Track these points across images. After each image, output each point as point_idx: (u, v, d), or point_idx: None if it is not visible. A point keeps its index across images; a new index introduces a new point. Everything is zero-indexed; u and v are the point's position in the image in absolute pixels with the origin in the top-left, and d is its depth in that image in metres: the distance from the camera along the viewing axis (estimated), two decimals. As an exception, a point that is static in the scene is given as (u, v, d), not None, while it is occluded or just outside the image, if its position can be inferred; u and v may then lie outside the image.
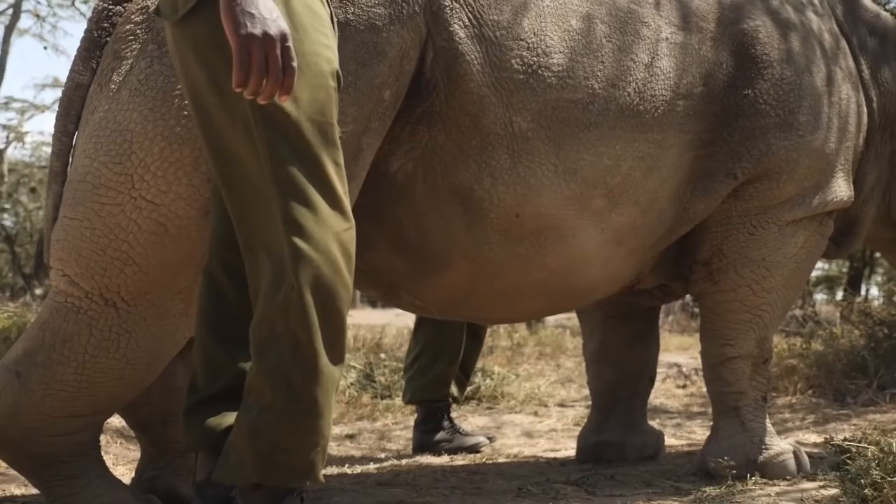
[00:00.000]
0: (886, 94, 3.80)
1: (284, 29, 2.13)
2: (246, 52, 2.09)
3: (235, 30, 2.09)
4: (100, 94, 2.72)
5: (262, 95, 2.13)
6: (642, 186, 3.19)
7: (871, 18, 3.90)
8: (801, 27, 3.50)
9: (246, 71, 2.10)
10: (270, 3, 2.14)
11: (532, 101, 2.96)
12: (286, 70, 2.13)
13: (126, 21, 2.77)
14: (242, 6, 2.10)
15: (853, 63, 3.69)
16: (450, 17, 2.86)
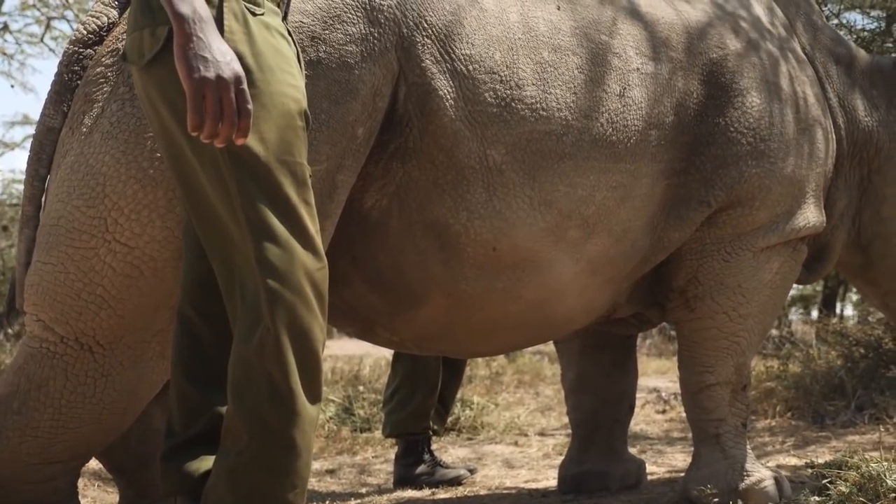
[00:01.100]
0: (853, 121, 3.84)
1: (238, 72, 2.13)
2: (199, 96, 2.09)
3: (188, 74, 2.09)
4: (71, 138, 2.71)
5: (218, 139, 2.12)
6: (616, 216, 3.21)
7: (837, 47, 3.94)
8: (769, 55, 3.54)
9: (200, 115, 2.10)
10: (224, 46, 2.14)
11: (506, 133, 2.97)
12: (241, 113, 2.13)
13: (97, 64, 2.76)
14: (195, 50, 2.10)
15: (820, 90, 3.73)
16: (421, 52, 2.86)
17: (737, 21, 3.54)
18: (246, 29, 2.29)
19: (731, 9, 3.58)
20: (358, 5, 2.81)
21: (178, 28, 2.11)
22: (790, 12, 3.88)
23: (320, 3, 2.79)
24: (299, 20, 2.74)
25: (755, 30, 3.58)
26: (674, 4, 3.43)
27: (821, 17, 4.05)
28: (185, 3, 2.12)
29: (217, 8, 2.27)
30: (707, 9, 3.50)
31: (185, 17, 2.11)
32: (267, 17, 2.36)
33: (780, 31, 3.72)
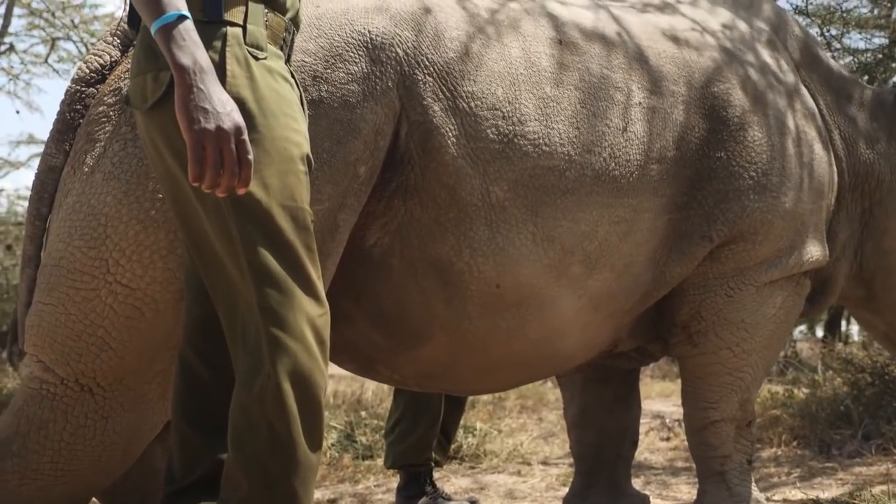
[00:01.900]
0: (854, 154, 3.84)
1: (239, 122, 2.13)
2: (200, 147, 2.09)
3: (189, 126, 2.09)
4: (73, 177, 2.71)
5: (219, 189, 2.12)
6: (618, 251, 3.19)
7: (837, 79, 3.94)
8: (771, 89, 3.53)
9: (201, 166, 2.10)
10: (225, 96, 2.14)
11: (508, 170, 2.96)
12: (242, 163, 2.12)
13: (99, 103, 2.75)
14: (196, 101, 2.10)
15: (822, 123, 3.72)
16: (423, 91, 2.86)
17: (738, 55, 3.54)
18: (248, 73, 2.29)
19: (733, 43, 3.58)
20: (359, 44, 2.81)
21: (179, 79, 2.11)
22: (791, 46, 3.88)
23: (322, 42, 2.79)
24: (301, 59, 2.74)
25: (757, 64, 3.58)
26: (675, 39, 3.43)
27: (822, 49, 4.04)
28: (185, 53, 2.12)
29: (220, 53, 2.27)
30: (709, 43, 3.50)
31: (185, 67, 2.11)
32: (270, 61, 2.36)
33: (781, 64, 3.72)
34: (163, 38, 2.14)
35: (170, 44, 2.12)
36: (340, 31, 2.81)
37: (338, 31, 2.81)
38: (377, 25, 2.85)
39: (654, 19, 3.50)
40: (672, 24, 3.51)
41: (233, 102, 2.15)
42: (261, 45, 2.35)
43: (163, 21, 2.14)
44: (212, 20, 2.29)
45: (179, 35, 2.13)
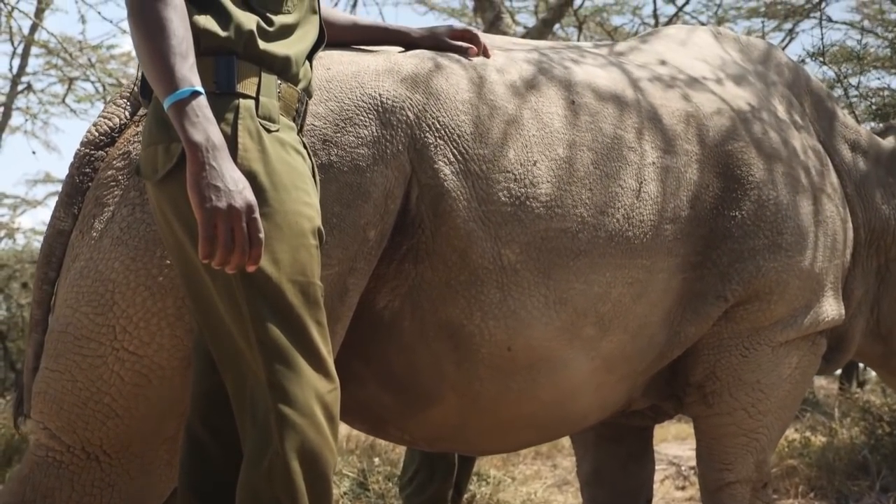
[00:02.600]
0: (870, 210, 3.79)
1: (251, 200, 2.12)
2: (211, 225, 2.08)
3: (200, 204, 2.08)
4: (81, 242, 2.69)
5: (229, 266, 2.11)
6: (632, 312, 3.16)
7: (853, 134, 3.91)
8: (785, 146, 3.50)
9: (212, 244, 2.09)
10: (237, 173, 2.13)
11: (520, 232, 2.93)
12: (253, 242, 2.12)
13: (108, 167, 2.74)
14: (208, 179, 2.09)
15: (837, 180, 3.68)
16: (434, 154, 2.84)
17: (753, 112, 3.51)
18: (260, 147, 2.28)
19: (748, 100, 3.55)
20: (370, 107, 2.79)
21: (191, 156, 2.10)
22: (806, 101, 3.85)
23: (332, 105, 2.77)
24: (311, 123, 2.73)
25: (772, 121, 3.54)
26: (690, 97, 3.40)
27: (837, 103, 4.01)
28: (198, 130, 2.11)
29: (231, 126, 2.26)
30: (723, 100, 3.47)
31: (198, 144, 2.10)
32: (282, 133, 2.34)
33: (796, 120, 3.69)
34: (176, 114, 2.13)
35: (183, 120, 2.11)
36: (351, 94, 2.80)
37: (348, 95, 2.80)
38: (387, 88, 2.84)
39: (669, 77, 3.47)
40: (685, 81, 3.48)
41: (245, 180, 2.14)
42: (273, 117, 2.34)
43: (176, 97, 2.13)
44: (224, 92, 2.29)
45: (193, 111, 2.12)
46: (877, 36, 10.70)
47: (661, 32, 3.94)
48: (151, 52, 2.16)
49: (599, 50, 3.65)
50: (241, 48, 2.32)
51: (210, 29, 2.29)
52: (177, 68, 2.14)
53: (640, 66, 3.50)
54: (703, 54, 3.75)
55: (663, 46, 3.74)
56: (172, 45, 2.15)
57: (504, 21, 8.19)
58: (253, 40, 2.33)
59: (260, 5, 2.38)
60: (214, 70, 2.29)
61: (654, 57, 3.64)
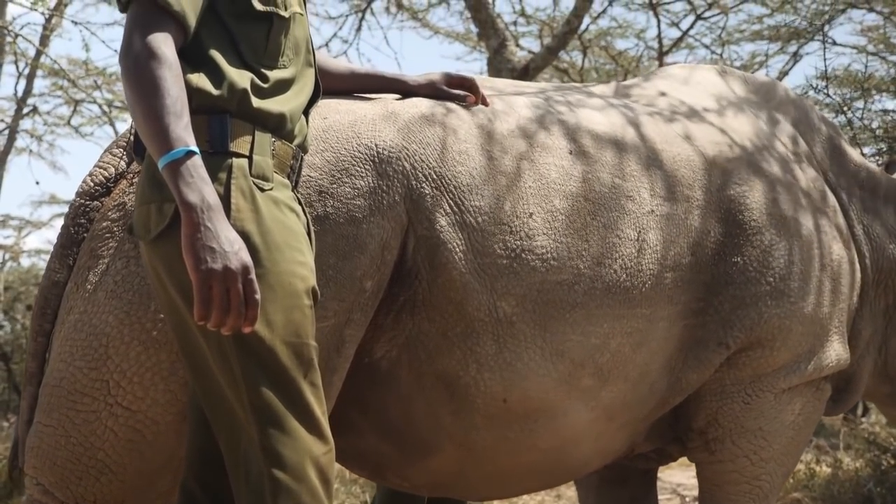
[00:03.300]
0: (878, 249, 3.75)
1: (246, 262, 2.10)
2: (207, 287, 2.07)
3: (196, 266, 2.06)
4: (76, 294, 2.68)
5: (225, 328, 2.10)
6: (632, 361, 3.13)
7: (860, 172, 3.87)
8: (789, 188, 3.47)
9: (207, 306, 2.07)
10: (233, 234, 2.11)
11: (516, 285, 2.91)
12: (249, 303, 2.10)
13: (103, 218, 2.73)
14: (203, 241, 2.07)
15: (843, 219, 3.65)
16: (430, 205, 2.82)
17: (756, 154, 3.47)
18: (254, 206, 2.26)
19: (751, 142, 3.52)
20: (366, 158, 2.78)
21: (186, 217, 2.08)
22: (812, 138, 3.81)
23: (328, 156, 2.76)
24: (307, 174, 2.71)
25: (775, 162, 3.51)
26: (692, 140, 3.38)
27: (845, 140, 3.97)
28: (193, 190, 2.09)
29: (224, 186, 2.24)
30: (727, 143, 3.44)
31: (193, 205, 2.08)
32: (276, 192, 2.33)
33: (802, 160, 3.65)
34: (170, 174, 2.11)
35: (178, 180, 2.10)
36: (347, 144, 2.78)
37: (344, 145, 2.78)
38: (384, 138, 2.82)
39: (670, 120, 3.45)
40: (688, 123, 3.46)
41: (240, 240, 2.13)
42: (267, 175, 2.32)
43: (171, 157, 2.11)
44: (217, 151, 2.27)
45: (188, 171, 2.10)
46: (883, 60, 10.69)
47: (666, 71, 3.91)
48: (146, 112, 2.14)
49: (602, 91, 3.63)
50: (235, 106, 2.30)
51: (203, 88, 2.27)
52: (171, 128, 2.12)
53: (642, 108, 3.48)
54: (706, 94, 3.72)
55: (667, 87, 3.72)
56: (167, 105, 2.13)
57: (508, 49, 8.20)
58: (247, 98, 2.31)
59: (254, 61, 2.37)
60: (208, 129, 2.27)
61: (657, 98, 3.62)
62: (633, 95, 3.65)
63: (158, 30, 2.20)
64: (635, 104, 3.52)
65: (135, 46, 2.18)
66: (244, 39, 2.36)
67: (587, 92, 3.54)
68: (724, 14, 10.58)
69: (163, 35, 2.20)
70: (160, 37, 2.19)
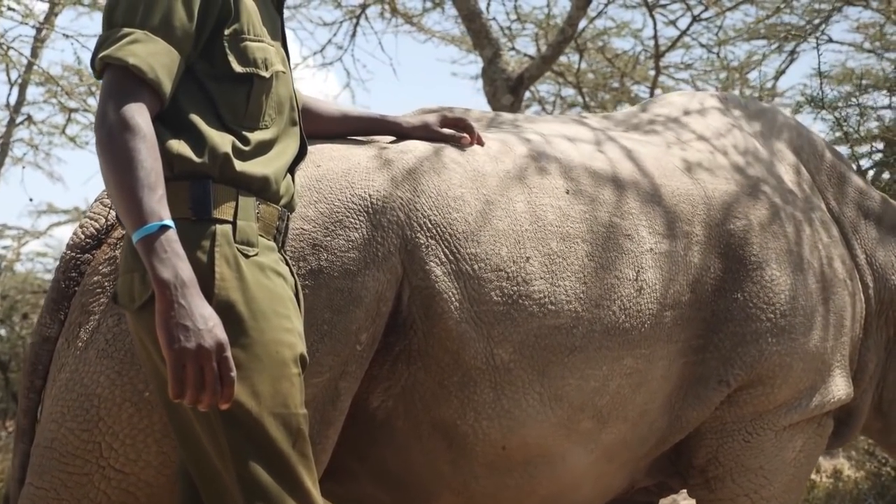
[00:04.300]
0: (881, 279, 3.70)
1: (221, 339, 2.07)
2: (180, 366, 2.04)
3: (169, 344, 2.04)
4: (67, 351, 2.64)
5: (200, 405, 2.07)
6: (632, 402, 3.09)
7: (864, 200, 3.81)
8: (790, 221, 3.42)
9: (181, 385, 2.05)
10: (207, 310, 2.08)
11: (513, 331, 2.87)
12: (224, 381, 2.07)
13: (94, 272, 2.68)
14: (176, 319, 2.04)
15: (846, 249, 3.60)
16: (425, 255, 2.78)
17: (757, 185, 3.42)
18: (238, 274, 2.22)
19: (752, 172, 3.46)
20: (360, 209, 2.74)
21: (160, 294, 2.05)
22: (815, 166, 3.76)
23: (322, 207, 2.72)
24: (300, 227, 2.67)
25: (777, 194, 3.46)
26: (691, 173, 3.33)
27: (850, 167, 3.91)
28: (166, 267, 2.06)
29: (208, 254, 2.21)
30: (726, 175, 3.39)
31: (166, 282, 2.05)
32: (261, 257, 2.29)
33: (804, 191, 3.60)
34: (144, 250, 2.08)
35: (151, 257, 2.07)
36: (341, 194, 2.74)
37: (338, 196, 2.74)
38: (378, 188, 2.78)
39: (669, 152, 3.40)
40: (688, 156, 3.41)
41: (215, 317, 2.09)
42: (251, 241, 2.28)
43: (144, 232, 2.08)
44: (200, 218, 2.23)
45: (161, 247, 2.07)
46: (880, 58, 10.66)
47: (664, 99, 3.86)
48: (119, 185, 2.11)
49: (600, 122, 3.58)
50: (217, 171, 2.26)
51: (184, 154, 2.23)
52: (145, 202, 2.08)
53: (640, 140, 3.43)
54: (706, 123, 3.67)
55: (666, 115, 3.67)
56: (140, 178, 2.09)
57: (503, 58, 8.16)
58: (229, 162, 2.26)
59: (235, 123, 2.32)
60: (190, 195, 2.23)
61: (656, 127, 3.57)
62: (632, 124, 3.60)
63: (133, 99, 2.16)
64: (633, 135, 3.47)
65: (109, 117, 2.14)
66: (224, 102, 2.31)
67: (585, 123, 3.50)
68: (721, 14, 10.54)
69: (137, 105, 2.15)
70: (134, 107, 2.15)
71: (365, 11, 10.44)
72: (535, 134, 3.26)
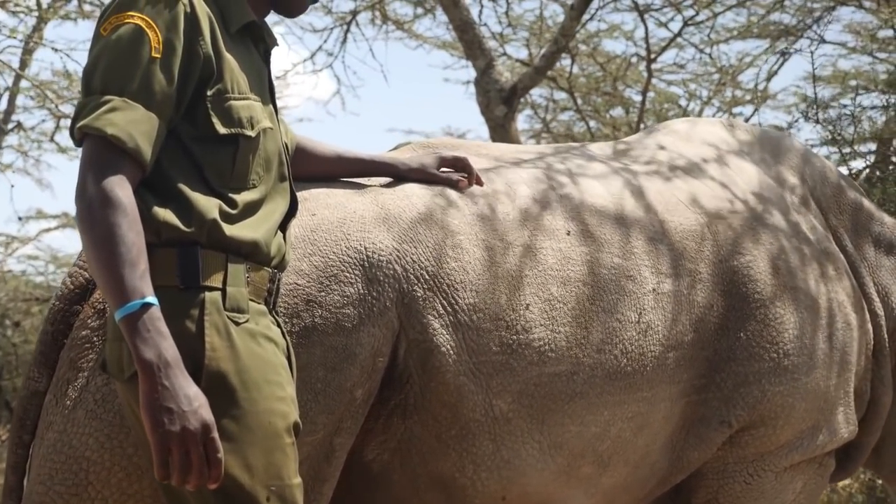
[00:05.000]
0: (890, 308, 3.62)
1: (207, 420, 2.01)
2: (165, 450, 1.98)
3: (154, 428, 1.98)
4: (55, 409, 2.56)
5: (188, 485, 2.01)
6: (633, 445, 3.04)
7: (877, 227, 3.72)
8: (795, 255, 3.34)
9: (166, 468, 1.99)
10: (192, 390, 2.02)
11: (512, 381, 2.81)
12: (211, 463, 2.02)
13: (82, 326, 2.61)
14: (161, 401, 1.98)
15: (854, 282, 3.50)
16: (423, 308, 2.71)
17: (763, 218, 3.35)
18: (229, 343, 2.16)
19: (758, 204, 3.39)
20: (355, 262, 2.67)
21: (143, 375, 2.00)
22: (824, 195, 3.68)
23: (316, 261, 2.65)
24: (294, 281, 2.60)
25: (783, 227, 3.38)
26: (695, 207, 3.26)
27: (862, 193, 3.83)
28: (149, 347, 2.00)
29: (197, 323, 2.15)
30: (732, 209, 3.32)
31: (149, 363, 2.00)
32: (251, 323, 2.22)
33: (811, 221, 3.52)
34: (126, 329, 2.02)
35: (133, 337, 2.01)
36: (336, 247, 2.68)
37: (333, 248, 2.67)
38: (374, 240, 2.71)
39: (673, 185, 3.33)
40: (692, 189, 3.34)
41: (201, 397, 2.03)
42: (242, 307, 2.21)
43: (126, 311, 2.02)
44: (189, 286, 2.17)
45: (144, 326, 2.01)
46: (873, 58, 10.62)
47: (669, 127, 3.76)
48: (100, 261, 2.05)
49: (603, 151, 3.49)
50: (205, 238, 2.19)
51: (170, 222, 2.17)
52: (126, 279, 2.02)
53: (644, 171, 3.35)
54: (711, 151, 3.58)
55: (670, 143, 3.59)
56: (121, 254, 2.03)
57: (496, 69, 8.09)
58: (217, 228, 2.20)
59: (221, 186, 2.24)
60: (178, 263, 2.17)
61: (659, 155, 3.49)
62: (635, 154, 3.50)
63: (113, 171, 2.09)
64: (637, 166, 3.39)
65: (88, 190, 2.07)
66: (209, 164, 2.24)
67: (588, 155, 3.42)
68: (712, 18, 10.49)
69: (118, 178, 2.09)
70: (115, 179, 2.08)
71: (356, 18, 10.36)
72: (537, 169, 3.19)
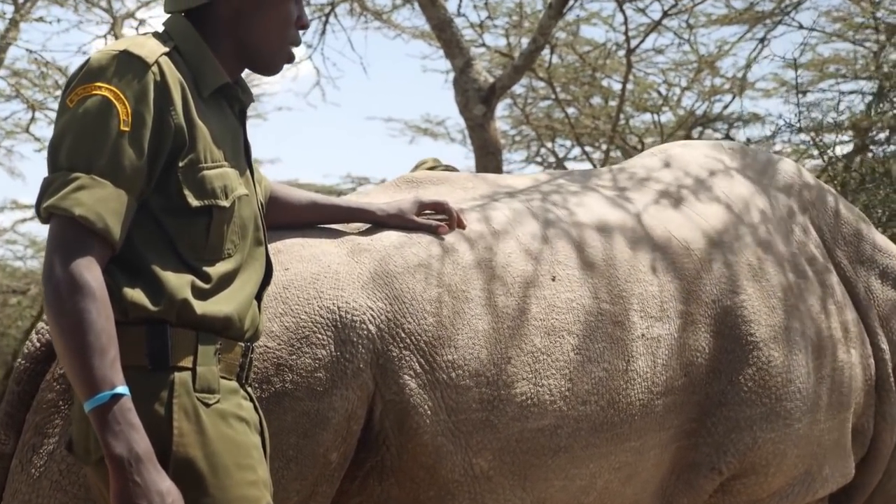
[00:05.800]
0: (894, 342, 3.50)
1: None
2: None
3: None
4: (20, 476, 2.49)
5: None
6: (621, 495, 2.96)
7: (882, 258, 3.59)
8: (794, 291, 3.23)
9: None
10: (165, 484, 1.97)
11: (493, 439, 2.72)
12: None
13: (48, 388, 2.52)
14: (132, 498, 1.94)
15: (855, 315, 3.40)
16: (398, 367, 2.62)
17: (758, 252, 3.23)
18: (198, 426, 2.08)
19: (753, 238, 3.26)
20: (328, 323, 2.57)
21: (113, 471, 1.94)
22: (826, 223, 3.55)
23: (288, 322, 2.56)
24: (265, 344, 2.51)
25: (779, 261, 3.26)
26: (688, 242, 3.14)
27: (866, 221, 3.68)
28: (120, 441, 1.94)
29: (166, 406, 2.07)
30: (727, 245, 3.20)
31: (120, 459, 1.94)
32: (222, 403, 2.14)
33: (810, 252, 3.39)
34: (96, 421, 1.96)
35: (104, 430, 1.95)
36: (307, 306, 2.58)
37: (305, 308, 2.58)
38: (348, 298, 2.61)
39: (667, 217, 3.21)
40: (683, 222, 3.21)
41: (174, 491, 1.97)
42: (212, 387, 2.13)
43: (96, 402, 1.95)
44: (157, 368, 2.08)
45: (114, 419, 1.95)
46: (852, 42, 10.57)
47: (665, 152, 3.60)
48: (68, 349, 1.98)
49: (595, 181, 3.36)
50: (174, 317, 2.11)
51: (140, 303, 2.08)
52: (96, 368, 1.96)
53: (637, 201, 3.23)
54: (706, 176, 3.45)
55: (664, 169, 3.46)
56: (90, 342, 1.96)
57: (474, 68, 7.97)
58: (187, 307, 2.11)
59: (194, 258, 2.15)
60: (147, 343, 2.09)
61: (652, 183, 3.37)
62: (628, 180, 3.38)
63: (81, 253, 2.01)
64: (629, 194, 3.26)
65: (56, 274, 1.99)
66: (182, 237, 2.14)
67: (581, 184, 3.29)
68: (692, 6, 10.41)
69: (86, 259, 2.00)
70: (83, 262, 2.00)
71: (334, 9, 10.21)
72: (525, 203, 3.08)
